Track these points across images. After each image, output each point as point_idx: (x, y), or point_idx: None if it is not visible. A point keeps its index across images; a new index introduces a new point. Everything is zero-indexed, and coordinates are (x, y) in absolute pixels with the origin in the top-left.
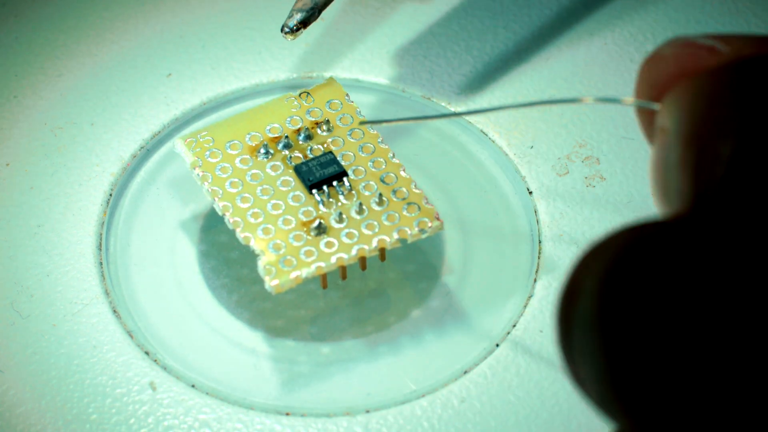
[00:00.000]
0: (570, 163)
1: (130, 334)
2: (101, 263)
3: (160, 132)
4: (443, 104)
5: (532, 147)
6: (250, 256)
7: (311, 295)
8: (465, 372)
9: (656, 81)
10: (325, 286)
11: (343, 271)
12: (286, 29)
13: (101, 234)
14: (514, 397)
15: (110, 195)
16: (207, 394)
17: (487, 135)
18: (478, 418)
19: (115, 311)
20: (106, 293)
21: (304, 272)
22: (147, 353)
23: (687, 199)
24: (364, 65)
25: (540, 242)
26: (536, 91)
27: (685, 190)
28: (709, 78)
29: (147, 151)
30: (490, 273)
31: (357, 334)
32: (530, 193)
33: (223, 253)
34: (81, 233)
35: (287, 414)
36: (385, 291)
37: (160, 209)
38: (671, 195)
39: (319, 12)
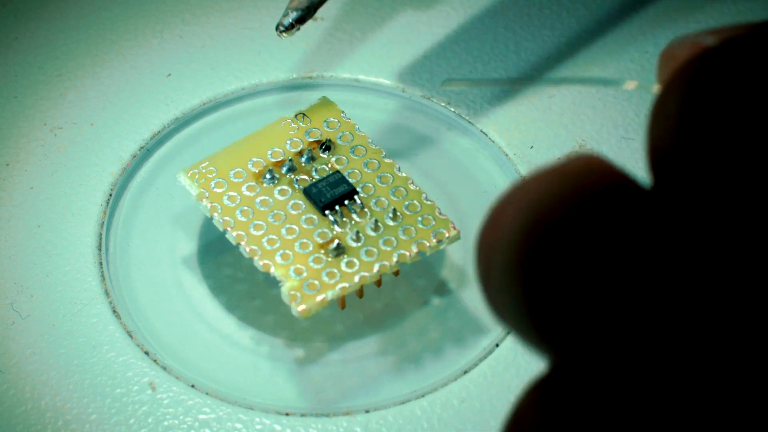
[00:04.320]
0: None
1: (130, 334)
2: (101, 263)
3: (160, 132)
4: (443, 104)
5: (532, 147)
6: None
7: None
8: (465, 372)
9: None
10: (343, 307)
11: (360, 290)
12: (281, 27)
13: (101, 234)
14: (514, 397)
15: (110, 195)
16: (207, 394)
17: (487, 135)
18: (478, 418)
19: (115, 311)
20: (106, 293)
21: (330, 294)
22: (147, 353)
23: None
24: (364, 65)
25: None
26: (536, 90)
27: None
28: (693, 62)
29: (147, 151)
30: None
31: (357, 335)
32: None
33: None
34: (81, 233)
35: (287, 414)
36: (385, 291)
37: (160, 209)
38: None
39: (315, 10)
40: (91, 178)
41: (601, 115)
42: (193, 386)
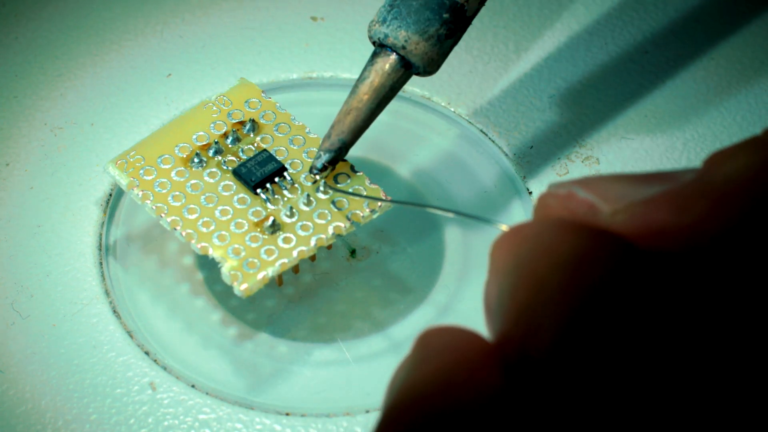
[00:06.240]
0: (570, 163)
1: (130, 334)
2: (101, 263)
3: None
4: (443, 104)
5: (532, 147)
6: None
7: (308, 294)
8: None
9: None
10: (280, 284)
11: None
12: (315, 170)
13: (101, 234)
14: None
15: (110, 195)
16: (207, 394)
17: (487, 135)
18: None
19: (115, 311)
20: (106, 293)
21: (270, 271)
22: (147, 353)
23: (501, 332)
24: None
25: None
26: (536, 90)
27: (504, 329)
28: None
29: None
30: None
31: (357, 335)
32: (530, 193)
33: None
34: (81, 233)
35: (287, 414)
36: (386, 292)
37: None
38: (493, 321)
39: (347, 150)
40: (91, 178)
41: (601, 115)
42: (193, 386)
